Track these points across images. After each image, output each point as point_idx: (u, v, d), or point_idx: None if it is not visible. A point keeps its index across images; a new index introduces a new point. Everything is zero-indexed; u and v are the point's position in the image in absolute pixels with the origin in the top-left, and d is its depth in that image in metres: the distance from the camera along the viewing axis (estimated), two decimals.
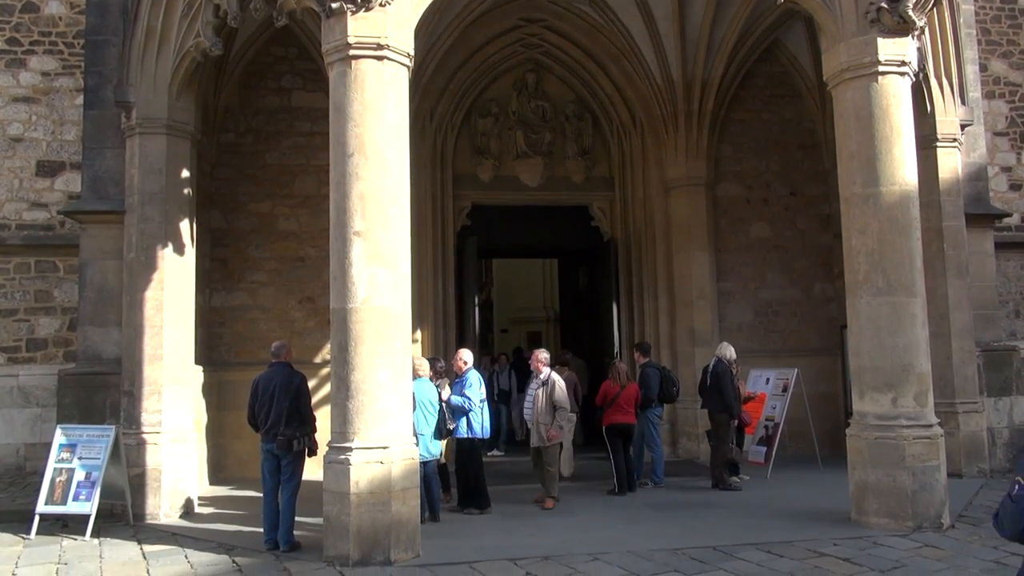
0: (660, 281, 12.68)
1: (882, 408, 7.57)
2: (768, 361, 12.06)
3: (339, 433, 6.72)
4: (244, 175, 11.54)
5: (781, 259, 12.89)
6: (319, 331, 11.27)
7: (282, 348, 7.70)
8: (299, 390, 7.42)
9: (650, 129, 12.76)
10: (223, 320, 11.28)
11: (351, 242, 6.78)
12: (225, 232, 11.42)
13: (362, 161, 6.84)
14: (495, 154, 12.70)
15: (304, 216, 11.55)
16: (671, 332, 12.56)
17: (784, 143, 13.09)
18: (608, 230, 13.11)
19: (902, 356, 7.53)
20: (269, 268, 11.47)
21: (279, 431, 7.24)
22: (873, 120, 7.69)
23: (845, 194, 7.90)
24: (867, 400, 7.66)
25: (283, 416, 7.26)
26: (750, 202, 12.95)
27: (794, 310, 12.87)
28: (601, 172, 13.13)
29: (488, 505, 8.59)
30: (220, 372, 10.95)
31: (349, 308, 6.76)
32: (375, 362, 6.69)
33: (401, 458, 6.68)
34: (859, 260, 7.72)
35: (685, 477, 10.65)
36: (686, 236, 12.40)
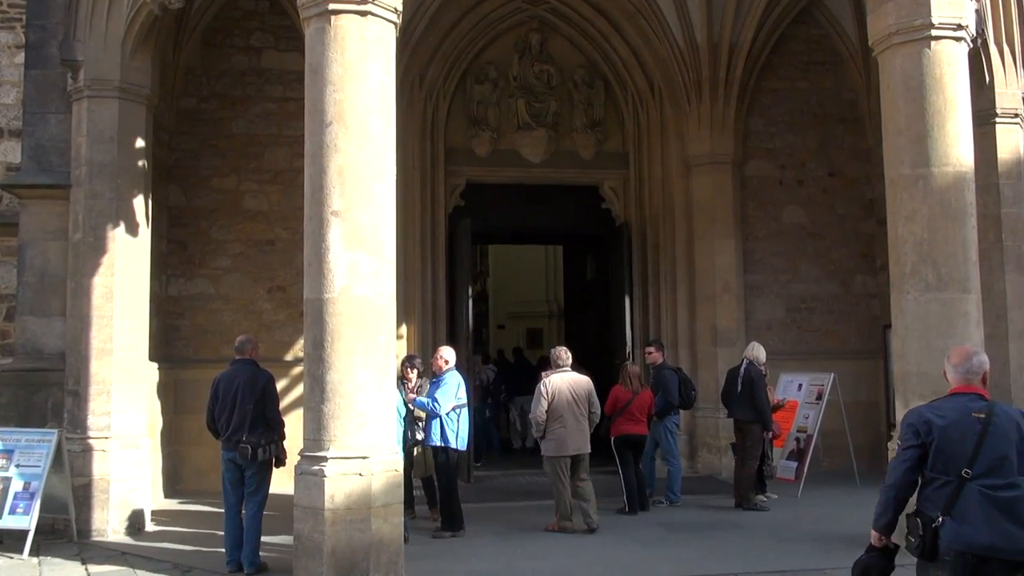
0: (679, 272, 12.68)
1: None
2: (800, 364, 12.08)
3: (313, 440, 6.72)
4: (207, 146, 11.51)
5: (817, 248, 12.90)
6: (291, 325, 11.26)
7: (247, 343, 7.70)
8: (265, 391, 7.42)
9: (670, 98, 12.74)
10: (181, 311, 11.28)
11: (328, 223, 6.78)
12: (185, 210, 11.41)
13: (342, 131, 6.82)
14: (493, 125, 12.68)
15: (275, 193, 11.54)
16: (691, 330, 12.58)
17: (822, 116, 13.08)
18: (621, 213, 13.11)
19: None
20: (234, 252, 11.46)
21: (242, 438, 7.24)
22: (924, 91, 7.68)
23: (891, 175, 7.90)
24: None
25: (247, 421, 7.27)
26: (783, 183, 12.94)
27: (831, 306, 12.88)
28: (613, 147, 13.12)
29: (461, 527, 8.59)
30: (178, 370, 10.95)
31: (325, 298, 6.76)
32: (354, 360, 6.70)
33: (383, 470, 6.69)
34: (905, 250, 7.73)
35: (705, 495, 10.68)
36: (709, 221, 12.41)
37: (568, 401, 8.80)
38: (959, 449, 4.00)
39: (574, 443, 8.80)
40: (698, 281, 12.51)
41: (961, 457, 3.99)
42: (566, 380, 8.92)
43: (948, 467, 4.01)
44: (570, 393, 8.83)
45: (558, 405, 8.77)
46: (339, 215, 6.77)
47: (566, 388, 8.84)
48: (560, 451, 8.79)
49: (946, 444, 4.02)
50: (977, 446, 3.99)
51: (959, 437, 4.02)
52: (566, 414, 8.78)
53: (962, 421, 4.06)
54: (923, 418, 4.12)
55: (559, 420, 8.77)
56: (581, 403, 8.85)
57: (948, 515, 3.95)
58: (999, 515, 3.91)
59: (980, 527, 3.90)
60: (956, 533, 3.92)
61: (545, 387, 8.82)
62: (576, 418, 8.81)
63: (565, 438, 8.77)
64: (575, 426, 8.80)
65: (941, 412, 4.12)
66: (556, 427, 8.76)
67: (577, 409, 8.82)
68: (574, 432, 8.80)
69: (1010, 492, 3.94)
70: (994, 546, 3.88)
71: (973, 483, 3.96)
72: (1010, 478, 3.97)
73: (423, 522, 8.98)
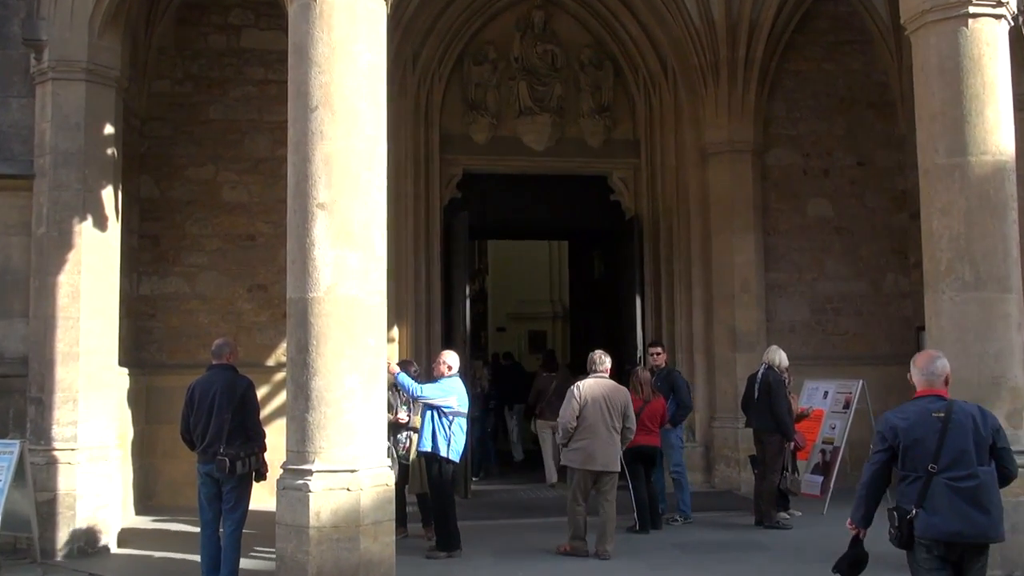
0: (695, 270, 12.68)
1: None
2: (826, 370, 12.07)
3: (296, 452, 6.72)
4: (182, 132, 11.50)
5: (844, 244, 12.89)
6: (273, 327, 11.26)
7: (225, 347, 7.70)
8: (244, 399, 7.41)
9: (684, 81, 12.73)
10: (154, 312, 11.28)
11: (313, 217, 6.77)
12: (157, 203, 11.40)
13: (328, 116, 6.81)
14: (492, 110, 12.68)
15: (255, 184, 11.53)
16: (707, 333, 12.57)
17: (850, 101, 13.07)
18: (631, 206, 13.10)
19: (992, 366, 7.52)
20: (212, 248, 11.45)
21: (219, 450, 7.24)
22: (961, 73, 7.66)
23: (925, 165, 7.89)
24: None
25: (224, 431, 7.26)
26: (807, 173, 12.93)
27: (859, 307, 12.88)
28: (623, 134, 13.11)
29: (457, 546, 8.58)
30: (150, 376, 10.95)
31: (310, 298, 6.75)
32: (342, 365, 6.69)
33: (372, 484, 6.69)
34: (941, 246, 7.71)
35: (722, 512, 10.68)
36: (727, 214, 12.40)
37: (602, 410, 8.47)
38: (924, 447, 4.78)
39: (603, 458, 8.50)
40: (715, 280, 12.50)
41: (926, 454, 4.77)
42: (602, 387, 8.61)
43: (916, 464, 4.79)
44: (604, 402, 8.51)
45: (590, 413, 8.44)
46: (325, 208, 6.77)
47: (601, 395, 8.53)
48: (586, 464, 8.50)
49: (912, 444, 4.82)
50: (939, 443, 4.77)
51: (922, 436, 4.80)
52: (598, 424, 8.45)
53: (923, 422, 4.82)
54: (889, 424, 4.93)
55: (589, 429, 8.45)
56: (615, 415, 8.51)
57: (920, 507, 4.75)
58: (963, 503, 4.71)
59: (947, 516, 4.70)
60: (927, 523, 4.74)
61: (577, 391, 8.54)
62: (608, 430, 8.48)
63: (594, 451, 8.46)
64: (606, 439, 8.48)
65: (904, 415, 4.92)
66: (584, 437, 8.46)
67: (610, 420, 8.48)
68: (604, 445, 8.47)
69: (971, 482, 4.73)
70: (960, 532, 4.70)
71: (939, 476, 4.73)
72: (971, 469, 4.75)
73: (416, 541, 8.98)
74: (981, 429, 4.85)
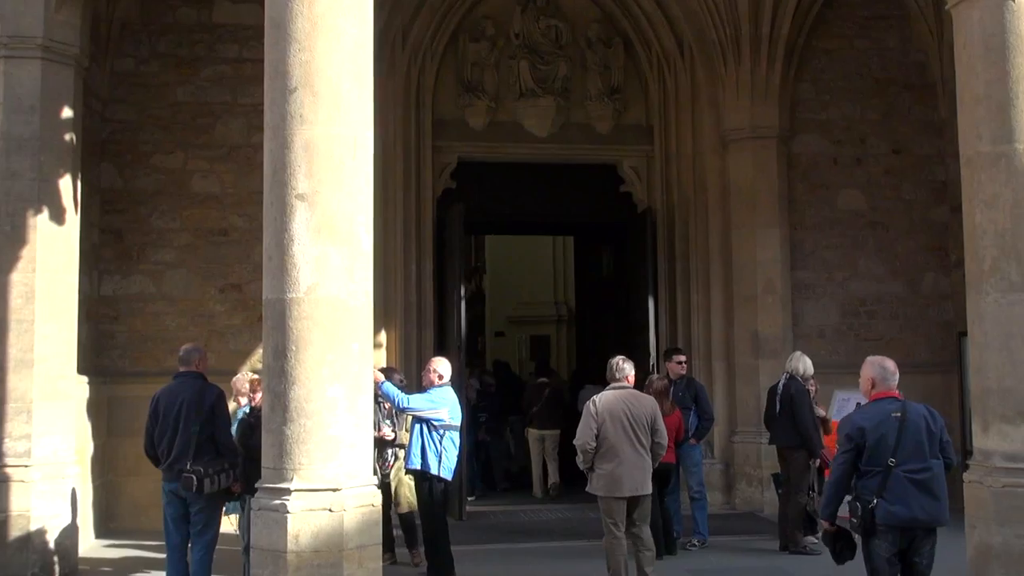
0: (713, 268, 12.69)
1: (1013, 445, 7.56)
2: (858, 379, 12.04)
3: (273, 470, 6.72)
4: (147, 116, 11.51)
5: (879, 240, 12.90)
6: (248, 330, 11.27)
7: (194, 353, 7.70)
8: (214, 410, 7.43)
9: (703, 60, 12.75)
10: (116, 314, 11.29)
11: (292, 209, 6.77)
12: (121, 194, 11.41)
13: (309, 98, 6.81)
14: (490, 92, 12.68)
15: (228, 173, 11.54)
16: (727, 338, 12.58)
17: (886, 82, 13.08)
18: (643, 198, 13.11)
19: None
20: (180, 244, 11.46)
21: (186, 466, 7.26)
22: (1007, 51, 7.65)
23: (967, 153, 7.89)
24: (993, 434, 7.65)
25: (191, 446, 7.29)
26: (838, 162, 12.94)
27: (895, 310, 12.89)
28: (635, 118, 13.12)
29: (451, 572, 8.57)
30: (112, 385, 10.95)
31: (289, 299, 6.75)
32: (323, 373, 6.69)
33: (357, 504, 6.68)
34: (984, 243, 7.70)
35: (744, 535, 10.69)
36: (750, 207, 12.41)
37: (624, 427, 8.02)
38: (885, 444, 6.01)
39: (631, 482, 8.02)
40: (736, 279, 12.51)
41: (886, 450, 5.99)
42: (622, 399, 8.15)
43: (878, 460, 6.01)
44: (626, 416, 8.05)
45: (610, 431, 8.00)
46: (305, 199, 6.76)
47: (621, 410, 8.06)
48: (612, 491, 8.03)
49: (875, 442, 6.02)
50: (898, 440, 6.00)
51: (884, 434, 6.02)
52: (621, 443, 8.01)
53: (885, 421, 6.06)
54: (856, 425, 6.13)
55: (611, 451, 8.01)
56: (642, 430, 8.08)
57: (880, 497, 5.95)
58: (918, 493, 5.97)
59: (904, 504, 5.94)
60: (887, 511, 5.95)
61: (593, 407, 8.09)
62: (635, 449, 8.05)
63: (619, 475, 8.00)
64: (633, 460, 8.04)
65: (867, 417, 6.16)
66: (608, 460, 8.03)
67: (636, 437, 8.05)
68: (631, 467, 8.03)
69: (926, 474, 6.01)
70: (915, 518, 5.97)
71: (897, 469, 5.97)
72: (925, 463, 6.03)
73: (404, 569, 8.98)
74: (932, 427, 6.12)
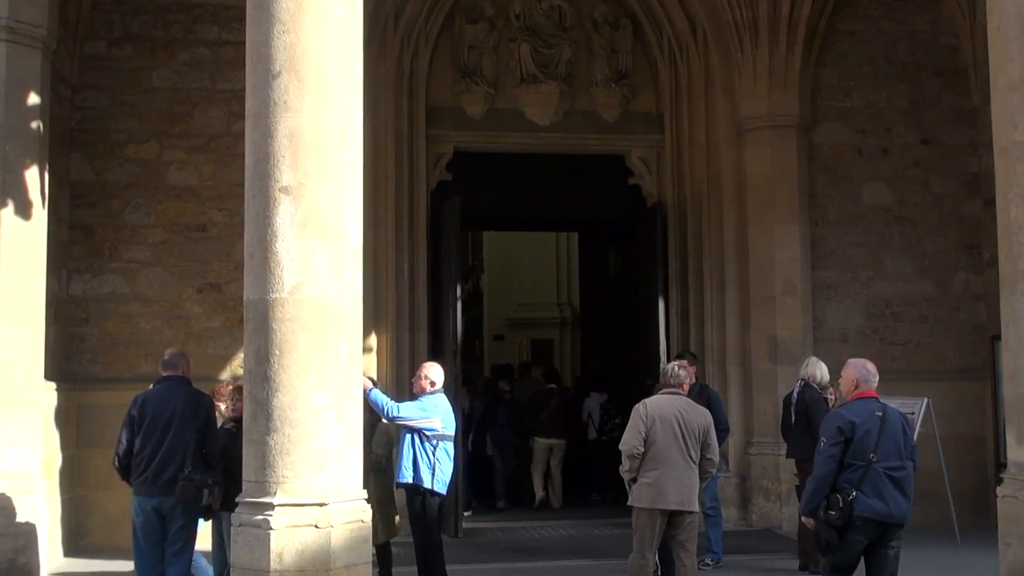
0: (728, 267, 12.70)
1: None
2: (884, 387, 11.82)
3: (255, 483, 6.71)
4: (120, 103, 11.51)
5: (906, 237, 12.90)
6: (228, 333, 11.27)
7: (180, 357, 7.76)
8: (208, 419, 7.57)
9: (717, 44, 12.74)
10: (87, 316, 11.28)
11: (276, 203, 6.76)
12: (91, 186, 11.41)
13: (294, 84, 6.81)
14: (489, 78, 12.68)
15: (207, 165, 11.54)
16: (743, 342, 12.58)
17: (914, 67, 13.07)
18: (653, 191, 13.11)
19: None
20: (155, 240, 11.46)
21: (180, 473, 7.31)
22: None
23: (1002, 143, 7.88)
24: None
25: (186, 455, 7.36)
26: (862, 153, 12.94)
27: (924, 312, 12.89)
28: (644, 106, 13.12)
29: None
30: (82, 392, 10.94)
31: (272, 299, 6.74)
32: (309, 379, 6.68)
33: (346, 520, 6.68)
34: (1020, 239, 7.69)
35: (761, 554, 10.68)
36: (768, 201, 12.41)
37: (675, 433, 7.94)
38: (868, 441, 6.81)
39: (677, 493, 7.91)
40: (753, 279, 12.51)
41: (868, 447, 6.80)
42: (675, 405, 8.09)
43: (860, 455, 6.80)
44: (678, 424, 7.96)
45: (660, 437, 7.91)
46: (290, 192, 6.76)
47: (673, 415, 7.99)
48: (656, 502, 7.90)
49: (860, 437, 6.81)
50: (878, 438, 6.82)
51: (868, 431, 6.83)
52: (670, 451, 7.92)
53: (869, 419, 6.87)
54: (846, 420, 6.88)
55: (658, 458, 7.90)
56: (693, 440, 7.98)
57: (859, 491, 6.73)
58: (893, 489, 6.81)
59: (881, 499, 6.77)
60: (865, 504, 6.73)
61: (643, 409, 8.04)
62: (685, 459, 7.95)
63: (665, 484, 7.89)
64: (682, 470, 7.94)
65: (856, 413, 6.92)
66: (653, 467, 7.91)
67: (686, 447, 7.95)
68: (679, 478, 7.93)
69: (902, 472, 6.90)
70: (889, 513, 6.80)
71: (877, 465, 6.78)
72: (902, 462, 6.92)
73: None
74: (906, 429, 7.04)
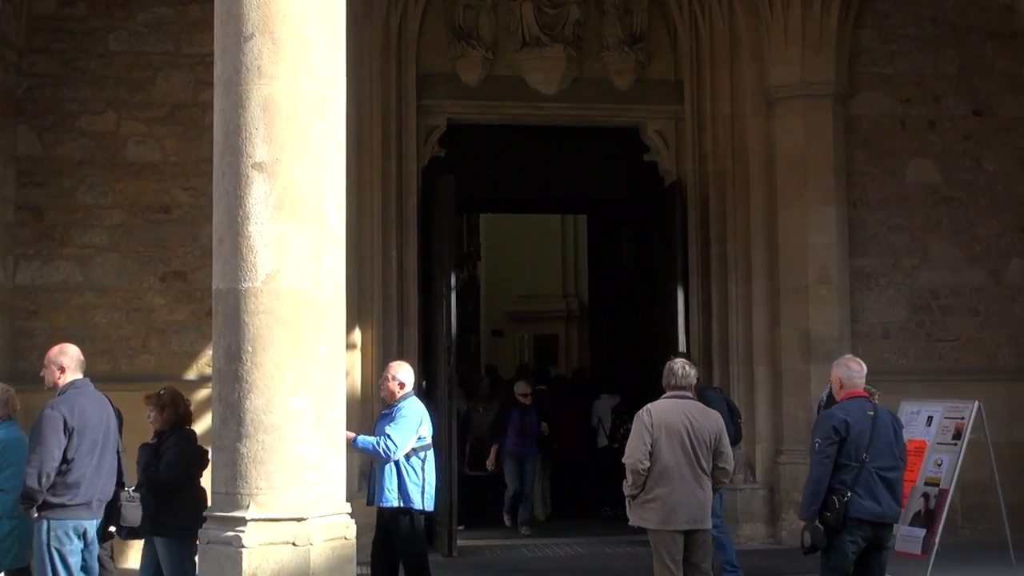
0: (756, 253, 12.69)
1: None
2: (930, 388, 12.06)
3: (225, 495, 6.71)
4: (73, 69, 11.49)
5: (955, 220, 12.90)
6: (194, 327, 11.28)
7: None
8: (119, 429, 7.60)
9: (744, 2, 12.72)
10: (36, 307, 11.28)
11: (248, 181, 6.75)
12: (41, 162, 11.40)
13: (268, 47, 6.79)
14: (487, 41, 12.65)
15: (171, 138, 11.53)
16: (771, 338, 12.58)
17: (964, 29, 13.05)
18: (671, 168, 13.09)
19: None
20: (113, 223, 11.46)
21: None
22: None
23: None
24: None
25: (116, 474, 7.52)
26: (906, 126, 12.93)
27: (975, 304, 12.88)
28: (661, 72, 13.11)
29: None
30: (31, 394, 10.79)
31: (244, 289, 6.74)
32: (286, 379, 6.68)
33: (327, 537, 6.68)
34: None
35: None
36: (800, 180, 12.40)
37: (684, 444, 7.88)
38: (861, 441, 7.45)
39: (688, 511, 7.87)
40: (783, 267, 12.50)
41: (861, 447, 7.44)
42: (682, 411, 8.01)
43: (854, 455, 7.43)
44: (687, 433, 7.89)
45: (665, 449, 7.84)
46: (264, 169, 6.75)
47: (680, 423, 7.91)
48: (667, 522, 7.85)
49: (854, 437, 7.45)
50: (871, 438, 7.47)
51: (862, 431, 7.47)
52: (679, 464, 7.86)
53: (862, 419, 7.50)
54: (841, 419, 7.50)
55: (665, 473, 7.85)
56: (704, 450, 7.93)
57: (853, 491, 7.37)
58: (885, 490, 7.49)
59: (874, 499, 7.43)
60: (860, 505, 7.38)
61: (648, 417, 7.94)
62: (696, 472, 7.90)
63: (675, 502, 7.82)
64: (693, 486, 7.90)
65: (849, 412, 7.55)
66: (660, 484, 7.85)
67: (697, 459, 7.90)
68: (690, 494, 7.88)
69: (894, 473, 7.62)
70: (884, 513, 7.50)
71: (870, 465, 7.43)
72: (895, 462, 7.64)
73: None
74: (897, 429, 7.76)
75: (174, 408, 8.22)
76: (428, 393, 11.88)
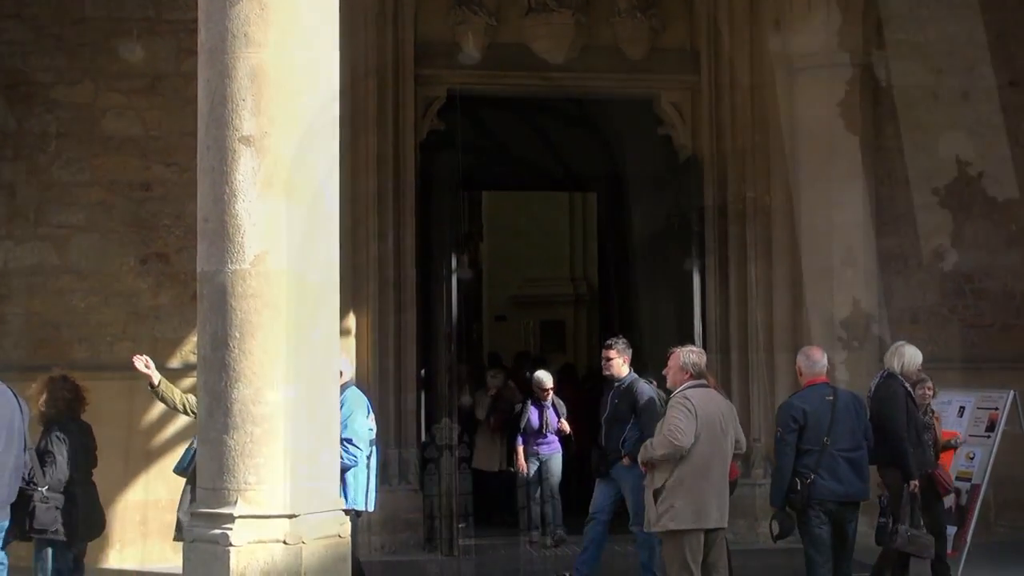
0: (777, 233, 12.70)
1: None
2: (962, 376, 12.07)
3: (211, 491, 6.73)
4: (46, 36, 11.49)
5: (990, 198, 12.90)
6: (178, 313, 11.29)
7: None
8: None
9: None
10: (8, 292, 11.30)
11: (236, 156, 6.75)
12: (12, 137, 11.41)
13: (256, 12, 6.79)
14: (490, 6, 12.63)
15: (152, 111, 11.54)
16: (794, 323, 12.58)
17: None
18: (687, 142, 13.10)
19: None
20: (90, 201, 11.46)
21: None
22: None
23: None
24: None
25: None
26: (938, 97, 12.91)
27: (1011, 288, 12.90)
28: (675, 40, 13.10)
29: None
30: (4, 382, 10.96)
31: (231, 272, 6.75)
32: (276, 367, 6.69)
33: (319, 535, 6.71)
34: None
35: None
36: (824, 154, 12.39)
37: (719, 439, 8.01)
38: (821, 426, 8.50)
39: (719, 508, 8.02)
40: (806, 248, 12.49)
41: (822, 431, 8.49)
42: (717, 405, 8.18)
43: (815, 439, 8.48)
44: (720, 426, 8.05)
45: (705, 442, 7.88)
46: (252, 143, 6.75)
47: (717, 419, 8.04)
48: (699, 520, 7.89)
49: (813, 423, 8.49)
50: (831, 422, 8.51)
51: (821, 416, 8.50)
52: (712, 459, 7.94)
53: (821, 405, 8.55)
54: (798, 408, 8.57)
55: (700, 468, 7.88)
56: (729, 446, 8.14)
57: (816, 474, 8.41)
58: (848, 471, 8.55)
59: (837, 480, 8.48)
60: (823, 486, 8.44)
61: (691, 403, 7.95)
62: (725, 466, 8.09)
63: (706, 500, 7.90)
64: (720, 482, 8.03)
65: (806, 400, 8.63)
66: (694, 479, 7.89)
67: (725, 453, 8.09)
68: (719, 491, 8.02)
69: (855, 453, 8.65)
70: (848, 493, 8.58)
71: (831, 448, 8.47)
72: (857, 443, 8.68)
73: None
74: (859, 412, 8.79)
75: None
76: (427, 383, 11.91)
